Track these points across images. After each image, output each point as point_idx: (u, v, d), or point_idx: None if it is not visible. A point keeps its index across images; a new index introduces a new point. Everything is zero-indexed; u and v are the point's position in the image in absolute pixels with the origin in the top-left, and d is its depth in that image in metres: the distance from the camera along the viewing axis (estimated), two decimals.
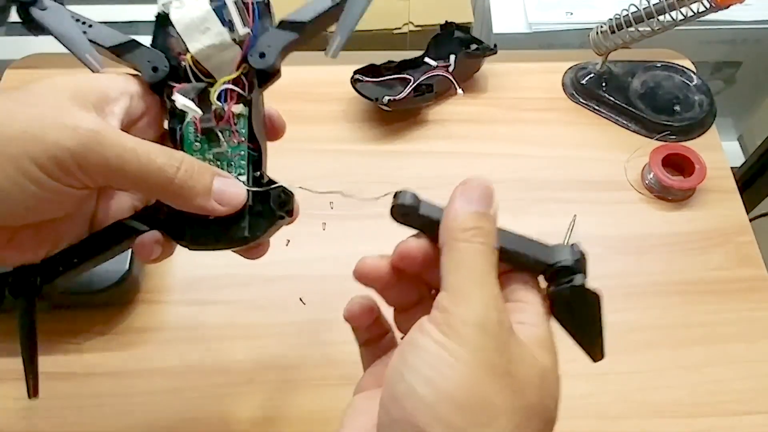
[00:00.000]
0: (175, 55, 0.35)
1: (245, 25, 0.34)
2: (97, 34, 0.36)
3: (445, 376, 0.25)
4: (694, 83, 0.69)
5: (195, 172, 0.31)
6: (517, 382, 0.27)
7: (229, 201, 0.32)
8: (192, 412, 0.49)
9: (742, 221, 0.61)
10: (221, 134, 0.34)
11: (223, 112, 0.34)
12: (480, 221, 0.28)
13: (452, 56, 0.68)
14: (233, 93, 0.34)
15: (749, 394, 0.51)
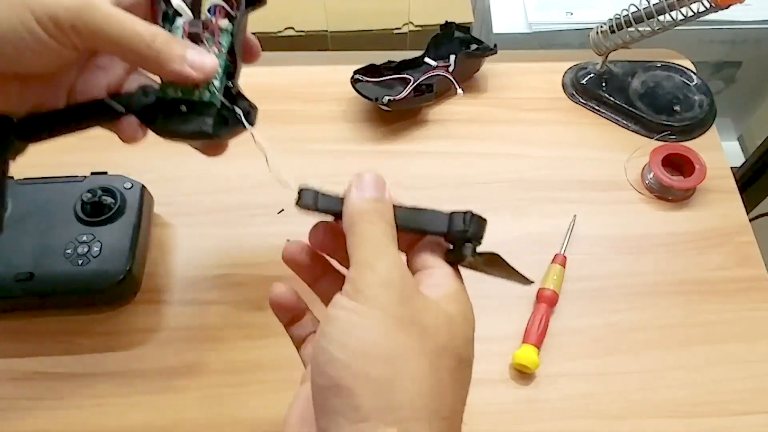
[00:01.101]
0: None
1: None
2: None
3: (356, 336, 0.28)
4: (694, 83, 0.69)
5: (171, 42, 0.35)
6: (424, 329, 0.29)
7: (202, 67, 0.35)
8: (192, 412, 0.49)
9: (742, 221, 0.61)
10: (206, 42, 0.38)
11: (210, 24, 0.38)
12: (375, 204, 0.32)
13: (452, 56, 0.68)
14: (222, 9, 0.38)
15: (749, 394, 0.51)
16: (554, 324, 0.54)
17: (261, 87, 0.69)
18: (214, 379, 0.50)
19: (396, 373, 0.28)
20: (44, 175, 0.57)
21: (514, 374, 0.51)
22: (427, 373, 0.28)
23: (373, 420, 0.27)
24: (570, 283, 0.56)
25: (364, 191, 0.32)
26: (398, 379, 0.28)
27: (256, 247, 0.57)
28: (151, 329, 0.53)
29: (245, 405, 0.49)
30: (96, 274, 0.51)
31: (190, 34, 0.37)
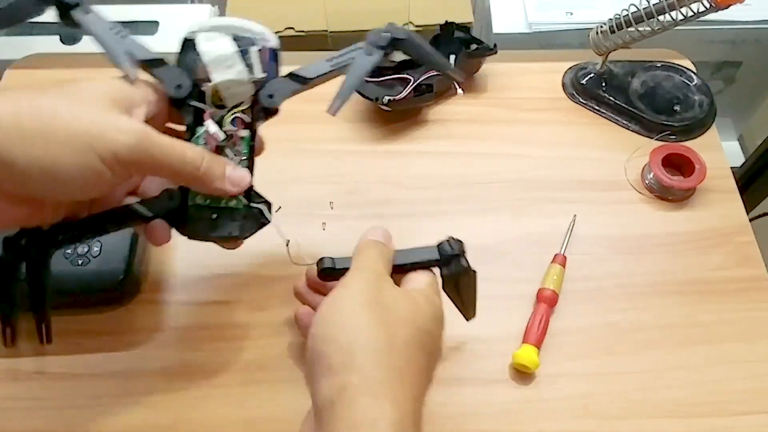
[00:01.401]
0: (196, 77, 0.42)
1: (263, 70, 0.43)
2: (131, 46, 0.41)
3: (331, 312, 0.38)
4: (694, 83, 0.69)
5: (214, 163, 0.39)
6: (386, 307, 0.38)
7: (239, 183, 0.41)
8: (192, 412, 0.49)
9: (742, 221, 0.61)
10: (229, 152, 0.42)
11: (233, 134, 0.42)
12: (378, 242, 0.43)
13: (452, 56, 0.68)
14: (241, 120, 0.43)
15: (749, 394, 0.51)
16: (554, 324, 0.54)
17: None
18: (214, 379, 0.50)
19: (357, 337, 0.36)
20: None
21: (514, 374, 0.51)
22: (383, 337, 0.36)
23: (341, 373, 0.35)
24: (570, 283, 0.56)
25: (369, 235, 0.43)
26: (360, 341, 0.36)
27: (256, 247, 0.57)
28: (151, 329, 0.53)
29: (245, 405, 0.49)
30: (96, 274, 0.51)
31: (217, 147, 0.42)
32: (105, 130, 0.35)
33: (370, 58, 0.46)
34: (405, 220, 0.60)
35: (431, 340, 0.39)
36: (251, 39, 0.43)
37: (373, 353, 0.35)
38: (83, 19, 0.41)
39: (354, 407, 0.33)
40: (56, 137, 0.34)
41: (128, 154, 0.35)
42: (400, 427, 0.33)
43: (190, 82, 0.41)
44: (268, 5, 1.06)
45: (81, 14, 0.41)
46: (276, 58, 0.44)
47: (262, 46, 0.43)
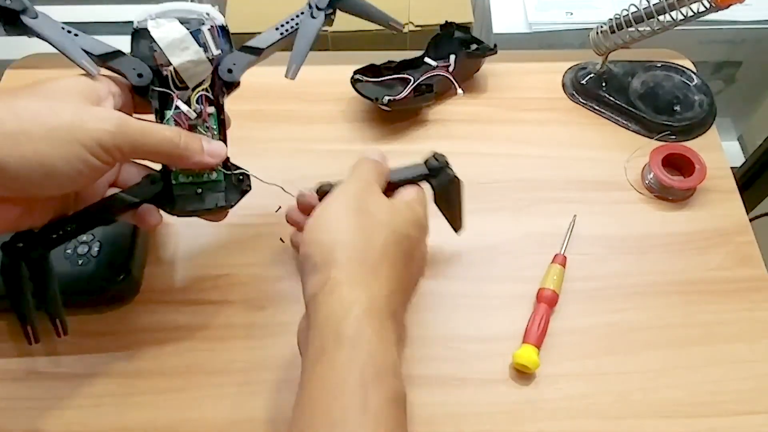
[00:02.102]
0: (155, 64, 0.44)
1: (217, 48, 0.45)
2: (85, 43, 0.43)
3: (318, 217, 0.41)
4: (694, 83, 0.69)
5: (191, 138, 0.42)
6: (368, 212, 0.41)
7: (218, 154, 0.44)
8: (192, 412, 0.49)
9: (742, 221, 0.61)
10: (200, 130, 0.45)
11: (202, 112, 0.45)
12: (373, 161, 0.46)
13: (452, 56, 0.68)
14: (207, 97, 0.45)
15: (749, 394, 0.51)
16: (554, 324, 0.54)
17: (261, 87, 0.70)
18: (214, 379, 0.50)
19: (338, 238, 0.40)
20: None
21: (514, 374, 0.51)
22: (361, 238, 0.40)
23: (323, 270, 0.38)
24: (570, 283, 0.56)
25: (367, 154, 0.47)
26: (339, 241, 0.39)
27: (256, 247, 0.57)
28: (151, 329, 0.53)
29: (245, 405, 0.49)
30: (96, 274, 0.51)
31: (189, 126, 0.44)
32: (85, 120, 0.36)
33: (314, 21, 0.50)
34: None
35: (409, 243, 0.42)
36: (198, 20, 0.45)
37: (351, 251, 0.39)
38: (32, 23, 0.42)
39: (332, 296, 0.37)
40: (40, 134, 0.35)
41: (111, 139, 0.37)
42: (373, 312, 0.37)
43: (149, 69, 0.43)
44: (268, 5, 1.06)
45: (29, 19, 0.42)
46: (227, 34, 0.46)
47: (211, 24, 0.45)
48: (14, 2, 0.41)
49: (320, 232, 0.40)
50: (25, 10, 0.41)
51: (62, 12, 1.04)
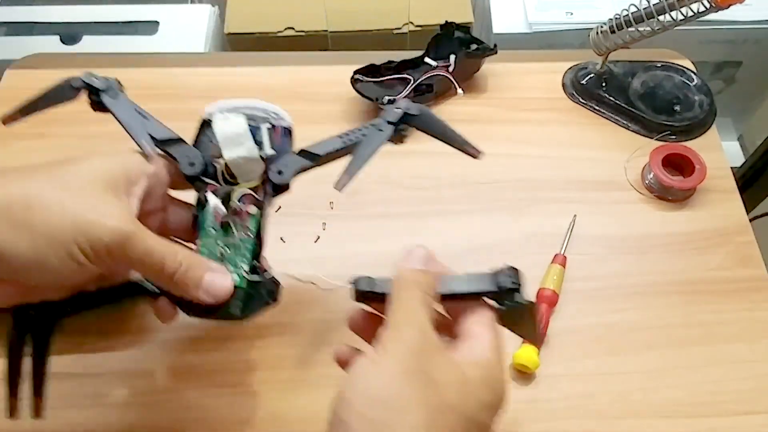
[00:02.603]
0: (209, 155, 0.43)
1: (272, 147, 0.43)
2: (151, 126, 0.43)
3: (365, 378, 0.32)
4: (694, 83, 0.69)
5: (190, 270, 0.38)
6: (432, 382, 0.31)
7: (215, 293, 0.39)
8: (192, 412, 0.49)
9: (742, 221, 0.61)
10: (235, 227, 0.42)
11: (240, 211, 0.42)
12: (416, 275, 0.36)
13: (452, 56, 0.68)
14: (251, 197, 0.42)
15: (749, 394, 0.51)
16: (554, 324, 0.54)
17: (261, 87, 0.70)
18: (214, 379, 0.50)
19: (391, 417, 0.30)
20: None
21: (514, 374, 0.51)
22: (423, 425, 0.30)
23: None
24: (570, 283, 0.56)
25: (408, 263, 0.36)
26: (392, 423, 0.30)
27: None
28: (151, 329, 0.53)
29: (245, 405, 0.49)
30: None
31: (222, 223, 0.42)
32: (89, 224, 0.35)
33: (381, 134, 0.46)
34: (405, 220, 0.60)
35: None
36: (264, 118, 0.44)
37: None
38: (109, 102, 0.44)
39: None
40: (41, 231, 0.34)
41: (106, 250, 0.35)
42: None
43: (202, 159, 0.43)
44: (268, 5, 1.06)
45: (108, 98, 0.44)
46: (290, 136, 0.45)
47: (272, 124, 0.44)
48: (99, 81, 0.44)
49: (365, 398, 0.31)
50: (106, 90, 0.44)
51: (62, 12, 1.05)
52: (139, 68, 0.71)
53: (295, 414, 0.49)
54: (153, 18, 1.05)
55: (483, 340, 0.35)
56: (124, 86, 0.46)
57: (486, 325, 0.36)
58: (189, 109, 0.72)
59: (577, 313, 0.55)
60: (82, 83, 0.44)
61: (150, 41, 1.03)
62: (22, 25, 1.04)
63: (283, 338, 0.52)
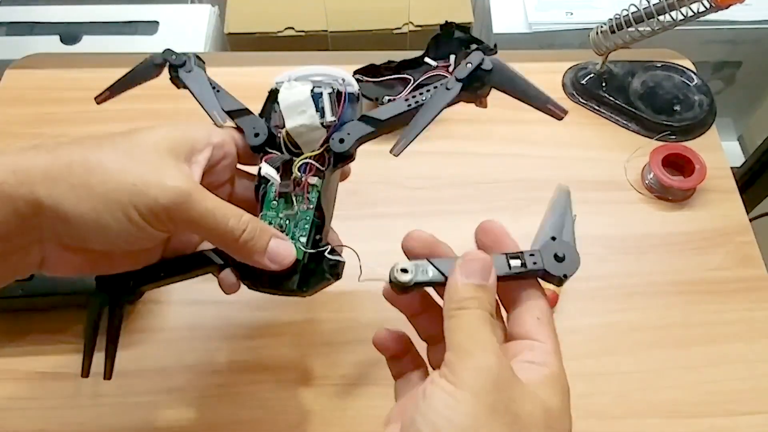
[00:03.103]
0: (274, 125, 0.42)
1: (333, 114, 0.41)
2: (221, 97, 0.45)
3: (446, 417, 0.28)
4: (694, 83, 0.69)
5: (256, 234, 0.37)
6: (518, 418, 0.29)
7: (280, 260, 0.38)
8: (192, 412, 0.49)
9: (742, 221, 0.61)
10: (295, 199, 0.41)
11: (301, 181, 0.41)
12: (476, 292, 0.32)
13: (452, 56, 0.68)
14: (312, 166, 0.41)
15: (749, 394, 0.51)
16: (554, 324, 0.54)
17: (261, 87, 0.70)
18: (214, 379, 0.51)
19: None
20: None
21: None
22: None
23: None
24: (570, 283, 0.55)
25: (468, 276, 0.32)
26: None
27: None
28: (151, 329, 0.53)
29: (246, 405, 0.49)
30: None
31: (280, 193, 0.41)
32: (148, 186, 0.34)
33: (448, 93, 0.42)
34: (405, 220, 0.60)
35: None
36: (330, 84, 0.42)
37: None
38: (185, 76, 0.46)
39: None
40: (101, 192, 0.34)
41: (165, 211, 0.34)
42: None
43: (267, 129, 0.42)
44: (268, 5, 1.06)
45: (184, 72, 0.46)
46: (356, 101, 0.43)
47: (334, 89, 0.42)
48: (177, 58, 0.46)
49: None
50: (184, 64, 0.46)
51: (62, 12, 1.05)
52: None
53: (295, 414, 0.49)
54: (153, 18, 1.05)
55: (544, 347, 0.33)
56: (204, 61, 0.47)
57: (545, 322, 0.34)
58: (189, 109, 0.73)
59: (577, 313, 0.55)
60: (162, 60, 0.46)
61: (150, 41, 1.03)
62: (22, 25, 1.04)
63: (282, 338, 0.52)
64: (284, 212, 0.41)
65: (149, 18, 1.05)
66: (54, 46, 1.00)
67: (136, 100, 0.68)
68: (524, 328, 0.33)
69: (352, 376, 0.51)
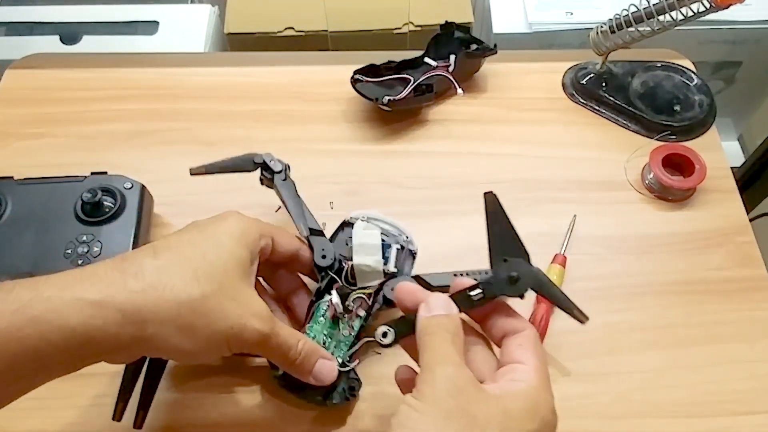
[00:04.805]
0: (341, 255, 0.49)
1: (396, 266, 0.49)
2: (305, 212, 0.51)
3: (408, 425, 0.32)
4: (694, 83, 0.69)
5: (307, 356, 0.43)
6: (474, 419, 0.32)
7: (322, 379, 0.44)
8: (192, 412, 0.49)
9: (742, 221, 0.61)
10: (342, 324, 0.48)
11: (352, 311, 0.48)
12: (438, 319, 0.37)
13: (452, 56, 0.68)
14: (363, 302, 0.48)
15: (749, 394, 0.51)
16: (554, 324, 0.54)
17: (261, 87, 0.70)
18: (214, 379, 0.50)
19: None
20: (44, 175, 0.57)
21: None
22: None
23: None
24: (570, 283, 0.56)
25: (430, 311, 0.37)
26: None
27: None
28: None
29: (246, 405, 0.49)
30: None
31: (333, 316, 0.47)
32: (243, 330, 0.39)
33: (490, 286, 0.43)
34: (405, 220, 0.59)
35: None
36: (396, 237, 0.50)
37: None
38: (281, 184, 0.52)
39: None
40: (205, 335, 0.38)
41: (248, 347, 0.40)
42: None
43: (334, 255, 0.48)
44: (268, 5, 1.06)
45: (280, 180, 0.52)
46: (412, 258, 0.51)
47: (401, 246, 0.50)
48: (276, 164, 0.52)
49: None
50: (280, 172, 0.52)
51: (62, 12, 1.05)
52: (139, 68, 0.71)
53: (295, 413, 0.49)
54: (153, 18, 1.05)
55: (525, 368, 0.36)
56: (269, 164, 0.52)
57: (529, 347, 0.37)
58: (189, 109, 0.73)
59: None
60: (262, 161, 0.52)
61: (150, 41, 1.03)
62: (22, 25, 1.04)
63: None
64: (329, 331, 0.48)
65: (149, 18, 1.05)
66: (54, 46, 1.01)
67: (136, 100, 0.68)
68: (510, 355, 0.37)
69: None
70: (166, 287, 0.37)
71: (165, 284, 0.37)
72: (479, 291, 0.39)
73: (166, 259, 0.38)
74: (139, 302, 0.36)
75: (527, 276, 0.39)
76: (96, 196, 0.53)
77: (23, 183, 0.56)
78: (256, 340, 0.40)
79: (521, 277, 0.39)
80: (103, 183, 0.55)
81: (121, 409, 0.45)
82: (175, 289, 0.37)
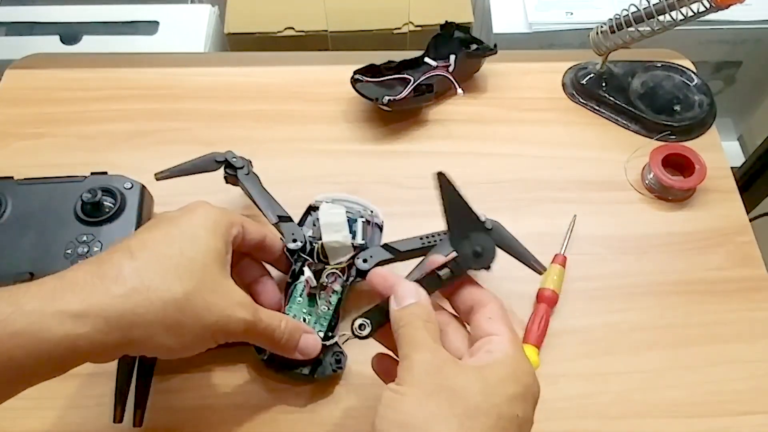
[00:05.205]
0: (311, 236, 0.51)
1: (363, 238, 0.51)
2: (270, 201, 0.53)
3: (392, 408, 0.34)
4: (694, 83, 0.69)
5: (291, 333, 0.44)
6: (453, 392, 0.33)
7: (308, 353, 0.46)
8: (192, 412, 0.49)
9: (742, 221, 0.61)
10: (319, 299, 0.50)
11: (326, 285, 0.50)
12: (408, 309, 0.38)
13: (452, 56, 0.68)
14: (337, 276, 0.50)
15: (749, 394, 0.51)
16: (554, 324, 0.54)
17: (261, 87, 0.70)
18: (215, 379, 0.50)
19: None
20: (44, 175, 0.57)
21: None
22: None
23: None
24: (570, 283, 0.56)
25: (400, 302, 0.38)
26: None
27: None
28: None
29: (247, 405, 0.49)
30: None
31: (309, 294, 0.50)
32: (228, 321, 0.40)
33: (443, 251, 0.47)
34: (405, 220, 0.59)
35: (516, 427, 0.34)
36: (360, 213, 0.52)
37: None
38: (244, 177, 0.54)
39: None
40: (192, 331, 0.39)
41: (233, 336, 0.41)
42: None
43: (304, 238, 0.50)
44: (268, 5, 1.06)
45: (243, 174, 0.54)
46: (380, 230, 0.53)
47: (367, 219, 0.52)
48: (238, 161, 0.54)
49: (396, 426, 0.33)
50: (242, 167, 0.54)
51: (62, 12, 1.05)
52: (139, 68, 0.71)
53: (296, 413, 0.49)
54: (153, 18, 1.05)
55: (499, 338, 0.37)
56: None
57: (498, 319, 0.38)
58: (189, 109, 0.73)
59: (577, 313, 0.55)
60: (223, 159, 0.54)
61: (150, 41, 1.03)
62: (22, 25, 1.04)
63: None
64: (307, 308, 0.50)
65: (149, 18, 1.05)
66: (54, 46, 1.01)
67: (136, 100, 0.68)
68: (482, 329, 0.38)
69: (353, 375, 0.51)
70: (149, 289, 0.37)
71: (148, 286, 0.37)
72: (447, 270, 0.40)
73: (144, 259, 0.38)
74: (123, 307, 0.36)
75: (489, 249, 0.40)
76: (96, 196, 0.54)
77: (23, 183, 0.56)
78: (242, 328, 0.41)
79: (484, 251, 0.40)
80: (103, 183, 0.55)
81: (120, 412, 0.46)
82: (159, 290, 0.37)
